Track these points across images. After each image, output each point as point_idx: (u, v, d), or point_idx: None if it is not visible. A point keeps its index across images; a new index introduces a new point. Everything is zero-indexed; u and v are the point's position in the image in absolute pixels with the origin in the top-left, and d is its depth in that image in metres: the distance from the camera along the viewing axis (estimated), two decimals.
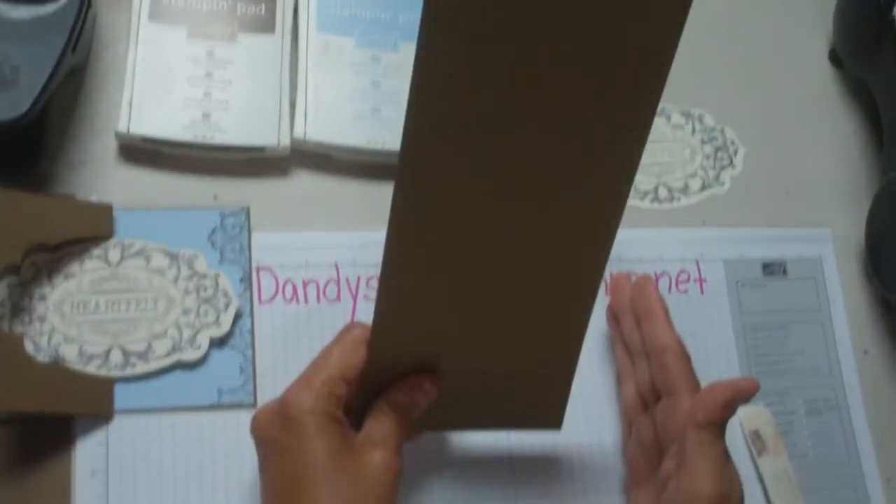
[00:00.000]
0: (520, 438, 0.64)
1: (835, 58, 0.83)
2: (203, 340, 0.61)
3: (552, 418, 0.60)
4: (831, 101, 0.82)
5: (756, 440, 0.68)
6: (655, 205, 0.74)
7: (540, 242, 0.50)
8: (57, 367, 0.58)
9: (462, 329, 0.54)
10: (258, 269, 0.64)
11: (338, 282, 0.66)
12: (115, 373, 0.59)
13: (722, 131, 0.77)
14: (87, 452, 0.59)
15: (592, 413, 0.65)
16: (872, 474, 0.70)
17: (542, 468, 0.64)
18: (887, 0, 0.76)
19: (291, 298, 0.65)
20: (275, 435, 0.52)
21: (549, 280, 0.52)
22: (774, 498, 0.66)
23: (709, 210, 0.75)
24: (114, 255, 0.62)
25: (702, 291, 0.72)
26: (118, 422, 0.59)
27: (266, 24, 0.68)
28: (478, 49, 0.43)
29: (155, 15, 0.66)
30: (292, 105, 0.67)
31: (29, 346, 0.58)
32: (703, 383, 0.69)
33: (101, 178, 0.65)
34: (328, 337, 0.55)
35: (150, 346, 0.60)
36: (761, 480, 0.67)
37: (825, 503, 0.68)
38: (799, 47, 0.83)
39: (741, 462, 0.67)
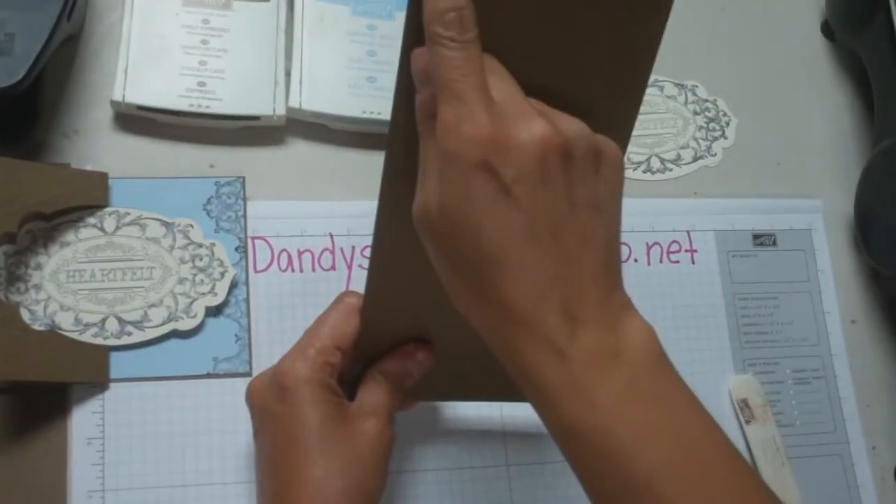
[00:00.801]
0: (512, 409, 0.64)
1: (827, 30, 0.83)
2: (199, 309, 0.61)
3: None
4: (823, 73, 0.82)
5: (744, 409, 0.69)
6: (648, 175, 0.74)
7: None
8: (53, 336, 0.58)
9: None
10: (253, 239, 0.65)
11: (332, 251, 0.66)
12: (111, 341, 0.60)
13: (714, 102, 0.78)
14: (82, 421, 0.59)
15: None
16: (858, 442, 0.71)
17: (534, 437, 0.64)
18: None
19: (286, 267, 0.65)
20: (270, 404, 0.53)
21: None
22: (762, 465, 0.67)
23: (700, 181, 0.75)
24: (109, 223, 0.62)
25: (693, 262, 0.72)
26: (114, 390, 0.60)
27: None
28: None
29: None
30: (288, 74, 0.67)
31: (25, 315, 0.58)
32: (695, 353, 0.70)
33: (95, 146, 0.65)
34: (323, 306, 0.55)
35: (145, 314, 0.61)
36: (749, 448, 0.68)
37: (812, 471, 0.69)
38: (791, 19, 0.83)
39: (729, 430, 0.67)
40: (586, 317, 0.41)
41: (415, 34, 0.42)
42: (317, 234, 0.66)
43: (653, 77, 0.68)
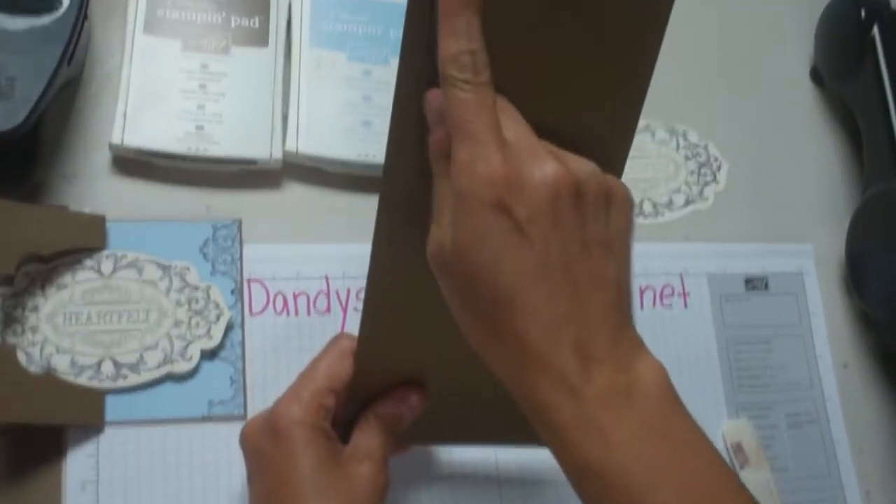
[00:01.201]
0: (506, 453, 0.64)
1: (816, 76, 0.84)
2: (194, 352, 0.61)
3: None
4: (813, 119, 0.83)
5: (738, 453, 0.69)
6: (640, 219, 0.75)
7: None
8: (49, 379, 0.58)
9: (448, 344, 0.54)
10: (249, 281, 0.65)
11: (328, 294, 0.66)
12: (107, 384, 0.60)
13: (706, 147, 0.78)
14: (77, 464, 0.59)
15: None
16: (852, 487, 0.71)
17: (529, 483, 0.64)
18: (867, 19, 0.77)
19: (282, 310, 0.65)
20: (263, 447, 0.53)
21: None
22: None
23: (692, 225, 0.76)
24: (106, 266, 0.62)
25: (685, 305, 0.73)
26: (109, 433, 0.60)
27: (259, 38, 0.69)
28: None
29: (150, 27, 0.67)
30: (284, 118, 0.67)
31: (21, 357, 0.58)
32: (688, 397, 0.70)
33: (94, 189, 0.65)
34: (318, 349, 0.55)
35: (141, 357, 0.61)
36: None
37: None
38: (781, 65, 0.84)
39: None
40: (599, 356, 0.42)
41: (409, 76, 0.43)
42: (312, 276, 0.66)
43: (644, 122, 0.69)
